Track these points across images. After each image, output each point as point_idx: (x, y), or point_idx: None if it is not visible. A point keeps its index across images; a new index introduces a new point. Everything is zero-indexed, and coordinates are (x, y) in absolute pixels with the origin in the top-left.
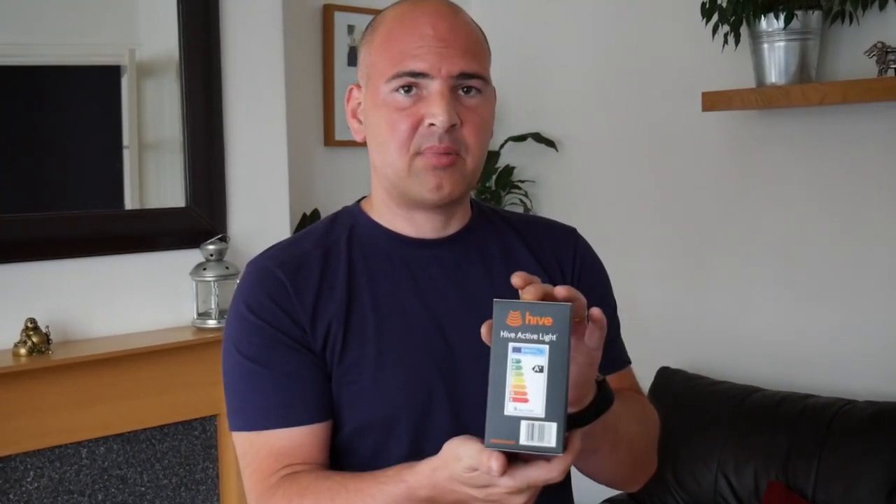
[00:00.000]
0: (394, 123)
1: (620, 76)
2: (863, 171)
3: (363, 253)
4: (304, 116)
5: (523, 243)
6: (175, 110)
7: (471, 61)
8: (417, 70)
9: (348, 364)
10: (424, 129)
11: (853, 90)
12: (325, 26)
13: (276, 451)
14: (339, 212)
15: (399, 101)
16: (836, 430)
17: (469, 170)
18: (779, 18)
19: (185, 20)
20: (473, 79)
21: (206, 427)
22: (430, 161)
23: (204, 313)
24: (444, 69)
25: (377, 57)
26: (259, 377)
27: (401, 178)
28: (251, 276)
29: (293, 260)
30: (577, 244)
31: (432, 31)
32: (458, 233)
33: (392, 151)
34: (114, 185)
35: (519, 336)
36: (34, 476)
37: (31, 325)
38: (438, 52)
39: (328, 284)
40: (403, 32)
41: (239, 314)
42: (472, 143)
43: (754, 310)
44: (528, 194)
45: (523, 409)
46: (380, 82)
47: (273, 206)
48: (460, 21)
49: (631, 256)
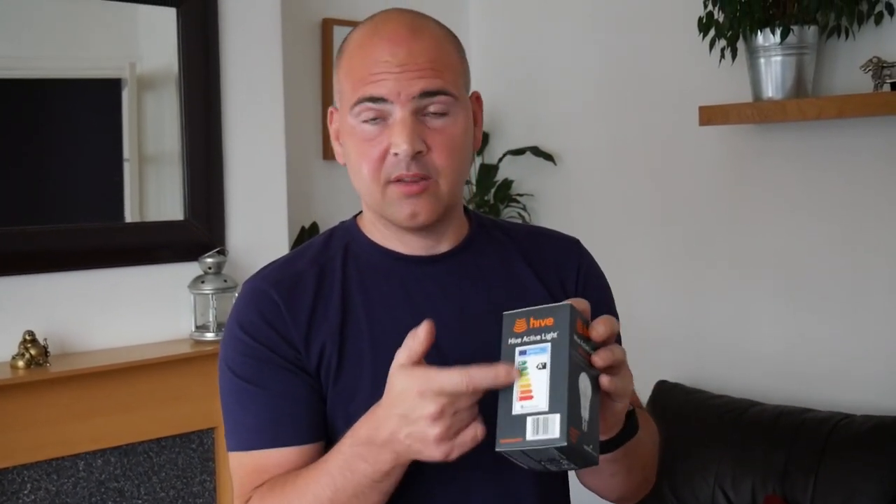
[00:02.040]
0: (363, 153)
1: (618, 90)
2: (859, 184)
3: (358, 271)
4: (303, 130)
5: (523, 257)
6: (175, 124)
7: (433, 79)
8: (376, 95)
9: (344, 383)
10: (391, 157)
11: (849, 105)
12: (324, 40)
13: (262, 469)
14: (336, 228)
15: (366, 132)
16: (834, 445)
17: (444, 192)
18: (775, 33)
19: (185, 34)
20: (437, 95)
21: (203, 440)
22: (401, 190)
23: (202, 326)
24: (404, 93)
25: (344, 83)
26: (251, 397)
27: (378, 204)
28: (246, 297)
29: (288, 279)
30: (581, 257)
31: (390, 55)
32: (454, 249)
33: (366, 180)
34: (114, 198)
35: (524, 340)
36: (31, 489)
37: (29, 338)
38: (396, 76)
39: (323, 303)
40: (363, 59)
41: (233, 334)
42: (443, 165)
43: (753, 323)
44: (526, 208)
45: (529, 406)
46: (346, 111)
47: (271, 219)
48: (422, 39)
49: (629, 270)
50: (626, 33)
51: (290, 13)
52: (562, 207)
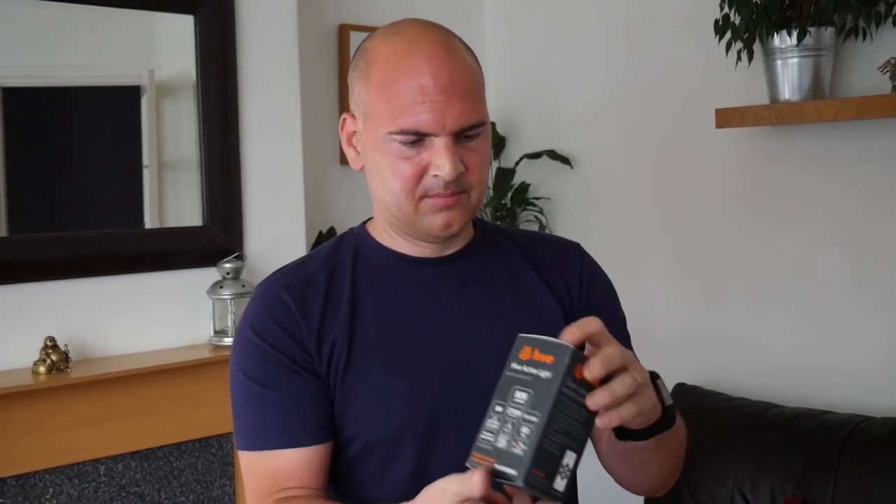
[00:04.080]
0: (398, 170)
1: (634, 93)
2: (877, 186)
3: (368, 272)
4: (320, 135)
5: (528, 261)
6: (193, 130)
7: (471, 112)
8: (422, 131)
9: (352, 382)
10: (430, 177)
11: (867, 106)
12: (341, 46)
13: (275, 471)
14: (346, 233)
15: (402, 151)
16: (853, 447)
17: (473, 203)
18: (792, 35)
19: (202, 41)
20: (475, 128)
21: (222, 444)
22: (436, 203)
23: (220, 331)
24: (448, 126)
25: (375, 99)
26: (262, 398)
27: (407, 216)
28: (258, 300)
29: (299, 282)
30: (583, 260)
31: (433, 80)
32: (461, 251)
33: (397, 194)
34: (133, 205)
35: (522, 369)
36: (53, 493)
37: (50, 344)
38: (440, 107)
39: (333, 304)
40: (402, 80)
41: (245, 337)
42: (476, 180)
43: (770, 326)
44: (543, 211)
45: (505, 435)
46: (379, 129)
47: (289, 224)
48: (458, 62)
49: (646, 272)
50: (641, 36)
51: (306, 19)
52: (578, 211)
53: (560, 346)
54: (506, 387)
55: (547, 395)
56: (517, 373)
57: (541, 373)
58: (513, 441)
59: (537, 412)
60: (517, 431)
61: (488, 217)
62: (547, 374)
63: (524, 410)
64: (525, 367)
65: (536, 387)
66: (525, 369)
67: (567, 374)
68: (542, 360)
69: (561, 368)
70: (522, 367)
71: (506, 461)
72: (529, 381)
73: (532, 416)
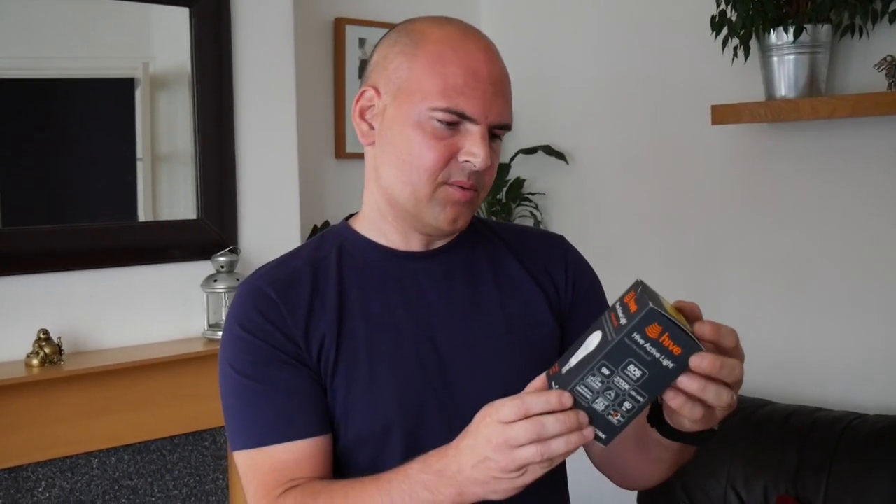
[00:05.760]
0: (429, 149)
1: (630, 89)
2: (872, 184)
3: (353, 267)
4: (316, 129)
5: (513, 254)
6: (188, 123)
7: (508, 112)
8: (468, 113)
9: (341, 378)
10: (457, 163)
11: (863, 104)
12: (337, 39)
13: (280, 465)
14: (328, 230)
15: (438, 131)
16: (847, 444)
17: (478, 204)
18: (788, 32)
19: (198, 34)
20: (505, 130)
21: (216, 438)
22: (454, 194)
23: (214, 325)
24: (491, 117)
25: (421, 74)
26: (257, 394)
27: (418, 201)
28: (242, 297)
29: (284, 278)
30: (568, 252)
31: (486, 70)
32: (447, 245)
33: (418, 175)
34: (127, 198)
35: (645, 346)
36: (45, 486)
37: (43, 336)
38: (489, 98)
39: (319, 301)
40: (457, 62)
41: (232, 334)
42: (488, 182)
43: (764, 322)
44: (538, 206)
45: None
46: (420, 104)
47: (284, 218)
48: (502, 63)
49: (640, 268)
50: (638, 32)
51: (302, 12)
52: (574, 206)
53: (692, 343)
54: (621, 355)
55: (662, 383)
56: (638, 347)
57: (664, 360)
58: (612, 409)
59: (646, 394)
60: (619, 403)
61: (483, 212)
62: (670, 364)
63: (633, 386)
64: (649, 345)
65: (654, 371)
66: (648, 348)
67: (681, 369)
68: (670, 347)
69: (685, 364)
70: (646, 345)
71: (599, 424)
72: (649, 362)
73: (639, 396)
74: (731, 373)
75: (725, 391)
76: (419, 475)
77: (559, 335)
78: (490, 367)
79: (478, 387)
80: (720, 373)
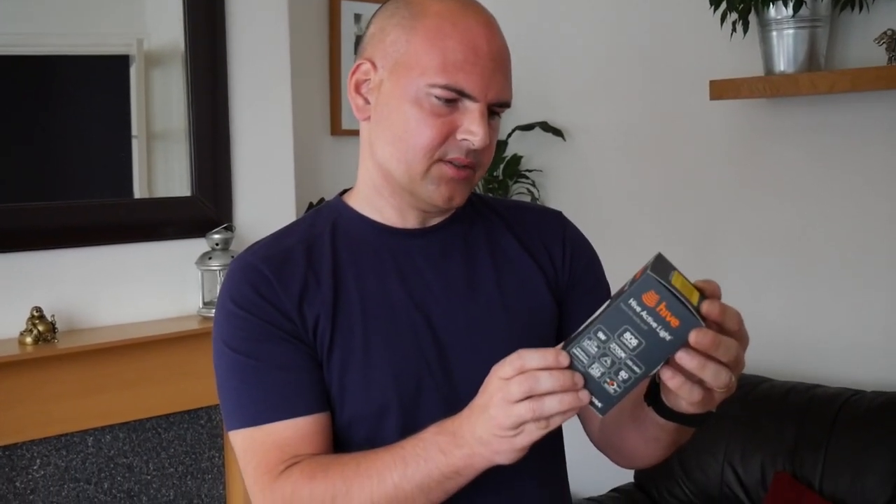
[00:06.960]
0: (426, 127)
1: (628, 65)
2: (872, 159)
3: (348, 245)
4: (311, 105)
5: (510, 230)
6: (182, 100)
7: (508, 89)
8: (467, 91)
9: (337, 356)
10: (454, 140)
11: (862, 78)
12: (332, 15)
13: (282, 442)
14: (322, 206)
15: (436, 108)
16: (844, 421)
17: (475, 182)
18: (787, 6)
19: (191, 10)
20: (504, 108)
21: (211, 416)
22: (449, 172)
23: (209, 302)
24: (490, 95)
25: (419, 48)
26: (254, 371)
27: (412, 178)
28: (235, 273)
29: (277, 255)
30: (566, 228)
31: (487, 46)
32: (443, 222)
33: (414, 151)
34: (122, 175)
35: (642, 315)
36: (40, 464)
37: (36, 314)
38: (488, 74)
39: (314, 278)
40: (456, 36)
41: (226, 311)
42: (486, 160)
43: (762, 300)
44: (535, 184)
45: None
46: (418, 80)
47: (279, 195)
48: (503, 39)
49: (638, 245)
50: (635, 6)
51: None
52: (571, 183)
53: (691, 318)
54: (617, 321)
55: (658, 355)
56: (635, 314)
57: (660, 331)
58: (608, 377)
59: (643, 365)
60: (615, 371)
61: (480, 189)
62: (667, 335)
63: (629, 355)
64: (646, 314)
65: (651, 341)
66: (645, 316)
67: (680, 342)
68: (667, 318)
69: (683, 339)
70: (642, 313)
71: (594, 390)
72: (646, 331)
73: (635, 367)
74: (728, 352)
75: (724, 371)
76: (434, 437)
77: (557, 312)
78: (487, 345)
79: (474, 365)
80: (717, 351)
